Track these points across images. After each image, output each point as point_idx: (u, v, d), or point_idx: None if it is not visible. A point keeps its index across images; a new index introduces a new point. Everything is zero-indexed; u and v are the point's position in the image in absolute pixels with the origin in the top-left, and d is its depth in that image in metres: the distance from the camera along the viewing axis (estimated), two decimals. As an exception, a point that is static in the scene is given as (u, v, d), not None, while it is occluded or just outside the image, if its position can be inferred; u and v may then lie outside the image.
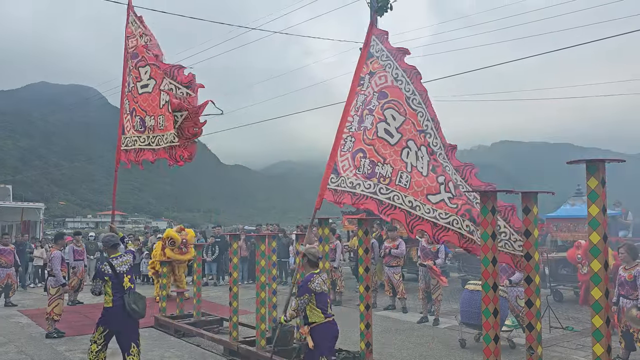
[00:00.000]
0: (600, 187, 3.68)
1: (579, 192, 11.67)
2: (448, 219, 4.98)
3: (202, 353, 7.65)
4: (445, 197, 5.07)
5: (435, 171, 5.21)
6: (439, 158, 5.30)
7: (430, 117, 5.48)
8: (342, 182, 5.99)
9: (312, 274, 5.18)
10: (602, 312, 3.66)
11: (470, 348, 7.48)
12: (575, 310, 10.12)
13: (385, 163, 5.61)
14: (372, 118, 5.87)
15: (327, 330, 5.13)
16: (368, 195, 5.68)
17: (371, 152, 5.78)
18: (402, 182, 5.45)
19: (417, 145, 5.44)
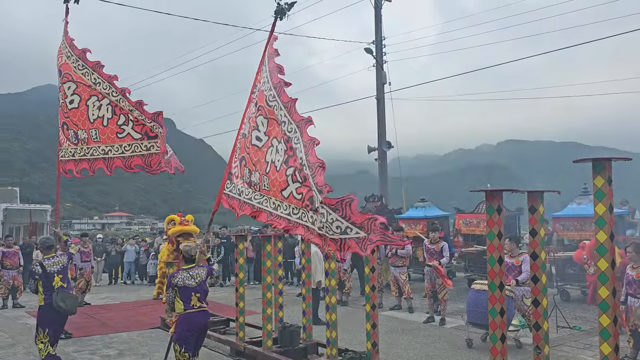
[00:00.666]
0: (607, 185, 3.67)
1: (586, 191, 11.61)
2: (298, 214, 5.11)
3: (209, 353, 7.66)
4: (293, 189, 5.16)
5: (288, 162, 5.28)
6: (294, 142, 5.29)
7: (282, 105, 5.55)
8: (233, 188, 6.31)
9: (180, 270, 5.90)
10: (609, 311, 3.64)
11: (477, 348, 7.46)
12: (583, 310, 10.07)
13: (255, 171, 5.85)
14: (249, 126, 6.16)
15: (184, 321, 5.62)
16: (246, 202, 5.96)
17: (249, 159, 6.03)
18: (265, 186, 5.66)
19: (278, 140, 5.55)
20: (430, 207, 15.40)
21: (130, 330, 9.39)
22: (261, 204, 5.70)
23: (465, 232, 13.91)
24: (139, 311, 11.69)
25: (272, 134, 5.67)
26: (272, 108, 5.68)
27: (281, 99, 5.60)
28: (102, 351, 7.86)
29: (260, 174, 5.73)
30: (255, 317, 9.80)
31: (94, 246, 18.53)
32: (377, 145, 21.02)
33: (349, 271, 11.68)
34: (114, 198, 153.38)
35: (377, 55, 21.06)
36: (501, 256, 4.21)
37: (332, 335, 6.32)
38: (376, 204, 16.94)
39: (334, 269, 6.39)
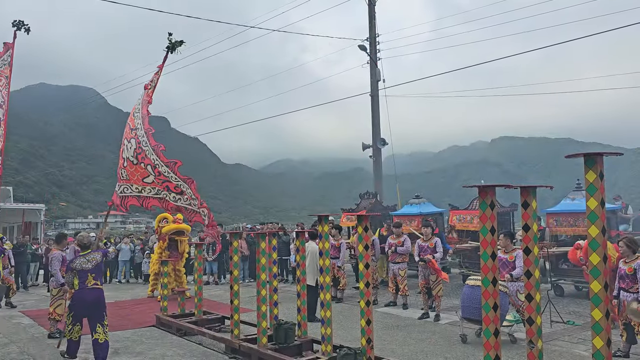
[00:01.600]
0: (599, 180, 3.68)
1: (579, 186, 11.67)
2: (160, 194, 8.08)
3: (204, 351, 7.66)
4: (153, 177, 7.96)
5: (143, 160, 7.80)
6: (142, 145, 7.92)
7: (142, 115, 8.07)
8: (118, 187, 8.73)
9: (78, 256, 7.17)
10: (601, 305, 3.66)
11: (471, 343, 7.50)
12: (576, 305, 10.14)
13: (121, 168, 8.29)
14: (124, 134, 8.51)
15: (78, 296, 6.94)
16: (121, 194, 8.49)
17: (121, 161, 8.45)
18: (124, 177, 8.42)
19: (128, 139, 7.81)
20: (425, 204, 15.45)
21: (125, 329, 9.37)
22: (124, 192, 8.34)
23: (459, 229, 13.96)
24: (134, 310, 11.67)
25: (126, 135, 8.01)
26: (134, 117, 8.26)
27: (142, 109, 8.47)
28: (97, 350, 7.82)
29: (119, 168, 8.41)
30: (250, 314, 9.82)
31: (88, 245, 18.50)
32: (372, 143, 21.04)
33: (343, 268, 11.68)
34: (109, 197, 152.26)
35: (371, 52, 21.07)
36: (494, 251, 4.23)
37: (327, 332, 6.34)
38: (371, 201, 16.97)
39: (328, 266, 6.39)
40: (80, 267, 6.95)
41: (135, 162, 8.36)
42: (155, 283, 13.50)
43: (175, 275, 13.16)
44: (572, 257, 8.94)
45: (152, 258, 14.31)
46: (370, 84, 21.20)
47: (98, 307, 7.00)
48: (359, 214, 6.05)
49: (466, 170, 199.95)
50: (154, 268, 13.42)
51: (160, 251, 13.25)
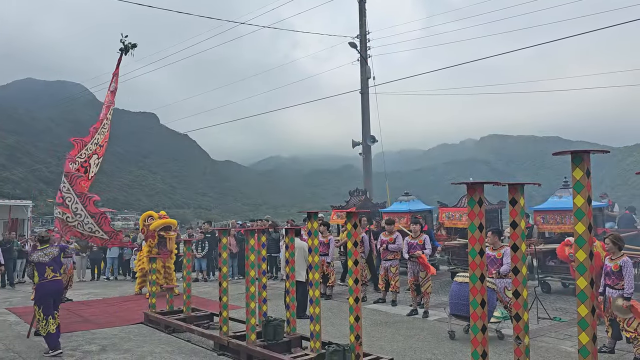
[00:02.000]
0: (585, 177, 3.71)
1: (566, 184, 11.78)
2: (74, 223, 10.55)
3: (193, 348, 7.64)
4: None
5: None
6: None
7: None
8: None
9: (37, 250, 7.74)
10: (587, 301, 3.70)
11: (459, 339, 7.54)
12: (563, 301, 10.24)
13: None
14: None
15: (40, 288, 7.51)
16: None
17: None
18: None
19: None
20: (414, 201, 15.50)
21: (113, 326, 9.32)
22: None
23: (448, 226, 14.02)
24: (123, 307, 11.60)
25: None
26: None
27: None
28: (84, 347, 7.78)
29: None
30: (239, 311, 9.80)
31: (77, 241, 18.31)
32: (362, 140, 21.07)
33: (332, 264, 11.69)
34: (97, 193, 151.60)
35: (361, 50, 21.07)
36: (482, 248, 4.25)
37: (316, 329, 6.34)
38: (360, 198, 17.00)
39: (317, 263, 6.39)
40: (37, 260, 7.56)
41: None
42: (143, 280, 13.44)
43: (165, 273, 13.11)
44: (561, 254, 9.01)
45: (138, 255, 14.24)
46: (361, 81, 21.21)
47: (57, 298, 7.69)
48: (349, 211, 6.06)
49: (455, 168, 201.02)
50: (142, 265, 13.35)
51: (149, 248, 13.19)
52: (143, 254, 13.47)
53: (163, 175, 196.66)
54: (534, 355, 6.26)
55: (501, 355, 6.65)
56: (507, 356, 6.56)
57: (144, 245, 13.95)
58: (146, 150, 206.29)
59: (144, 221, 13.65)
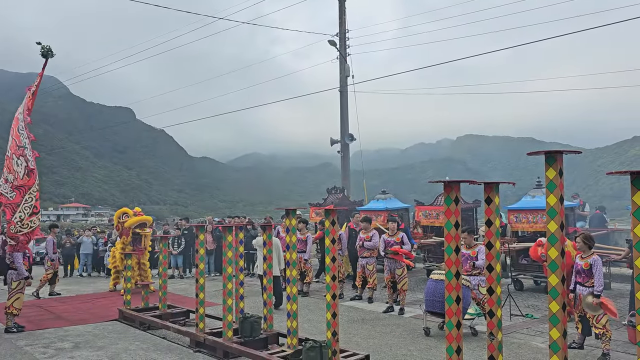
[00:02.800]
0: (558, 177, 3.80)
1: (539, 184, 12.01)
2: None
3: (168, 345, 7.58)
4: None
5: (30, 174, 8.94)
6: (30, 163, 8.98)
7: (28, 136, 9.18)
8: None
9: None
10: (558, 297, 3.79)
11: (434, 336, 7.65)
12: (535, 299, 10.46)
13: (9, 173, 9.00)
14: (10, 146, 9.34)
15: None
16: None
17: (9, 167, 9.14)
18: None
19: (17, 157, 8.94)
20: (391, 199, 15.63)
21: (86, 323, 9.18)
22: None
23: (424, 224, 14.18)
24: (96, 304, 11.44)
25: (11, 149, 9.05)
26: (21, 136, 9.17)
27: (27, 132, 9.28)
28: (57, 344, 7.66)
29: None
30: (216, 308, 9.76)
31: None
32: (340, 138, 21.13)
33: (310, 261, 11.72)
34: (70, 189, 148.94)
35: (340, 48, 21.11)
36: (458, 246, 4.33)
37: (293, 325, 6.36)
38: (338, 196, 17.05)
39: (295, 259, 6.41)
40: None
41: None
42: (117, 277, 13.28)
43: (140, 269, 12.98)
44: (534, 254, 9.14)
45: (112, 252, 14.05)
46: (340, 79, 21.25)
47: None
48: (327, 208, 6.08)
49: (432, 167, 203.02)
50: (116, 263, 13.19)
51: (123, 245, 13.04)
52: (117, 251, 13.30)
53: (139, 170, 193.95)
54: (506, 351, 6.39)
55: (475, 351, 6.77)
56: (480, 352, 6.67)
57: (117, 242, 13.78)
58: (121, 146, 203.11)
59: (119, 218, 13.48)
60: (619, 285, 11.73)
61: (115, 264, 13.22)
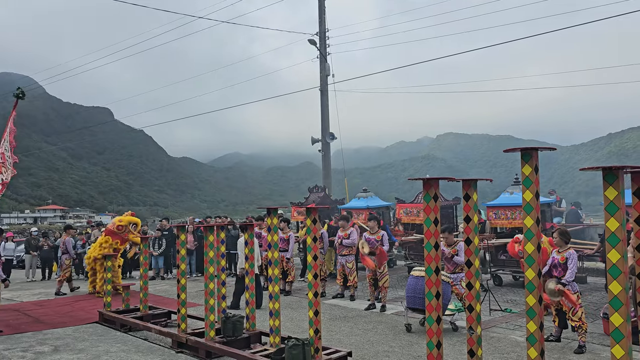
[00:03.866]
0: (534, 173, 3.89)
1: (517, 181, 12.20)
2: None
3: (150, 346, 7.53)
4: None
5: None
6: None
7: None
8: None
9: None
10: (535, 291, 3.88)
11: (415, 332, 7.74)
12: (514, 294, 10.64)
13: None
14: None
15: None
16: None
17: None
18: None
19: None
20: (372, 198, 15.73)
21: (66, 326, 9.06)
22: None
23: (406, 222, 14.30)
24: (76, 306, 11.29)
25: None
26: None
27: None
28: (36, 348, 7.55)
29: None
30: (198, 309, 9.72)
31: (28, 240, 17.68)
32: (321, 137, 21.18)
33: (292, 260, 11.74)
34: (47, 191, 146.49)
35: (320, 47, 21.15)
36: (437, 242, 4.39)
37: (275, 324, 6.38)
38: (319, 195, 17.10)
39: (277, 258, 6.42)
40: None
41: None
42: (94, 279, 13.12)
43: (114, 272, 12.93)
44: (512, 251, 9.26)
45: (88, 253, 13.81)
46: (320, 78, 21.30)
47: None
48: (308, 207, 6.11)
49: (412, 166, 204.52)
50: (93, 264, 13.03)
51: (106, 247, 12.89)
52: (93, 253, 13.12)
53: (118, 171, 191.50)
54: (486, 345, 6.51)
55: (455, 346, 6.86)
56: (460, 347, 6.77)
57: (94, 244, 13.64)
58: (100, 146, 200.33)
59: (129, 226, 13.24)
60: (595, 279, 12.00)
61: (92, 265, 13.07)
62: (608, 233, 3.47)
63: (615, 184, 3.44)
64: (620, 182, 3.44)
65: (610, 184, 3.45)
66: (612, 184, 3.45)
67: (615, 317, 3.41)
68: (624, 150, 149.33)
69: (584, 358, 6.27)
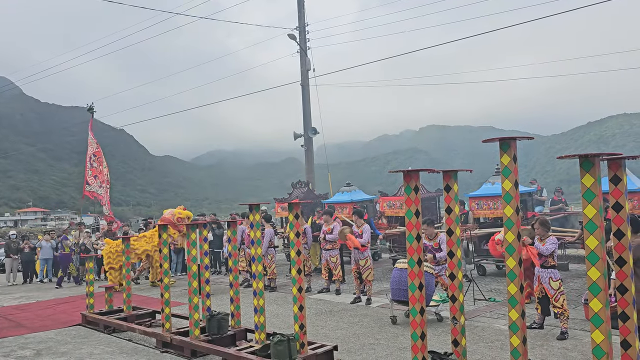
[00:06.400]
0: (513, 163, 3.91)
1: (498, 171, 12.31)
2: None
3: (134, 347, 7.46)
4: None
5: None
6: None
7: None
8: None
9: None
10: (516, 280, 3.92)
11: (400, 324, 7.77)
12: (497, 283, 10.74)
13: None
14: None
15: None
16: None
17: None
18: None
19: None
20: (356, 192, 15.74)
21: (48, 329, 8.93)
22: None
23: (389, 215, 14.35)
24: (58, 309, 11.13)
25: None
26: None
27: None
28: (17, 352, 7.43)
29: None
30: (183, 307, 9.65)
31: (7, 243, 17.36)
32: (303, 132, 21.12)
33: (269, 256, 11.48)
34: (27, 193, 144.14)
35: (300, 42, 21.06)
36: (419, 234, 4.40)
37: (260, 320, 6.36)
38: (303, 190, 17.07)
39: (260, 255, 6.39)
40: None
41: None
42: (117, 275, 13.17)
43: None
44: (494, 252, 9.18)
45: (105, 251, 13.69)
46: (301, 73, 21.23)
47: None
48: (291, 202, 6.09)
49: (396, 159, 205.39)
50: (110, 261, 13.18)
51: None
52: (144, 246, 13.04)
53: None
54: (470, 334, 6.56)
55: (440, 337, 6.91)
56: (445, 337, 6.82)
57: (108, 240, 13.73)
58: (80, 147, 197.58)
59: (185, 218, 13.21)
60: (576, 266, 12.18)
61: (111, 263, 13.13)
62: (586, 220, 3.50)
63: (592, 171, 3.47)
64: (597, 169, 3.48)
65: (587, 171, 3.49)
66: (588, 172, 3.48)
67: (595, 303, 3.46)
68: (603, 139, 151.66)
69: (567, 344, 6.35)
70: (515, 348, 3.94)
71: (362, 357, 6.23)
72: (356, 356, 6.30)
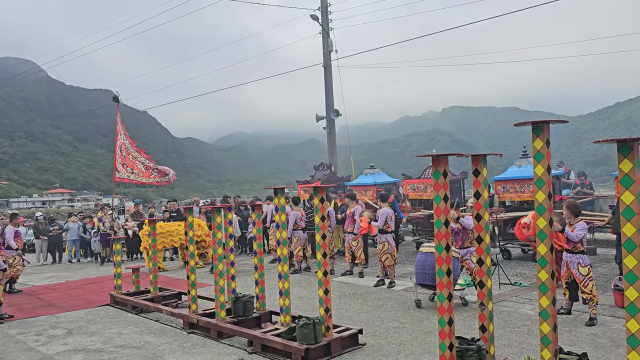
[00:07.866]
0: (545, 147, 3.81)
1: (525, 154, 12.08)
2: None
3: (162, 327, 7.60)
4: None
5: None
6: None
7: None
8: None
9: None
10: (547, 266, 3.84)
11: (425, 308, 7.75)
12: (523, 267, 10.62)
13: None
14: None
15: None
16: None
17: None
18: None
19: None
20: (379, 174, 15.65)
21: (78, 309, 9.16)
22: None
23: (412, 197, 14.24)
24: (87, 289, 11.40)
25: None
26: None
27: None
28: (49, 332, 7.63)
29: None
30: (208, 289, 9.79)
31: (35, 225, 17.78)
32: (325, 114, 21.01)
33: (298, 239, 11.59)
34: (54, 174, 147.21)
35: (322, 22, 20.84)
36: (447, 219, 4.34)
37: (286, 303, 6.39)
38: (325, 172, 17.03)
39: (285, 238, 6.40)
40: None
41: None
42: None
43: None
44: (520, 236, 9.00)
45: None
46: (323, 54, 21.04)
47: None
48: (315, 186, 6.06)
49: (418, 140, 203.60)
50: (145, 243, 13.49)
51: None
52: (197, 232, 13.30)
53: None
54: (496, 319, 6.50)
55: (465, 321, 6.87)
56: (471, 321, 6.78)
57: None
58: (104, 129, 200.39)
59: None
60: (604, 250, 11.96)
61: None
62: (623, 206, 3.40)
63: (630, 156, 3.35)
64: (636, 154, 3.36)
65: (625, 156, 3.37)
66: (627, 157, 3.36)
67: (630, 291, 3.37)
68: (632, 119, 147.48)
69: (595, 330, 6.25)
70: (545, 335, 3.89)
71: (386, 341, 6.23)
72: (381, 340, 6.30)
